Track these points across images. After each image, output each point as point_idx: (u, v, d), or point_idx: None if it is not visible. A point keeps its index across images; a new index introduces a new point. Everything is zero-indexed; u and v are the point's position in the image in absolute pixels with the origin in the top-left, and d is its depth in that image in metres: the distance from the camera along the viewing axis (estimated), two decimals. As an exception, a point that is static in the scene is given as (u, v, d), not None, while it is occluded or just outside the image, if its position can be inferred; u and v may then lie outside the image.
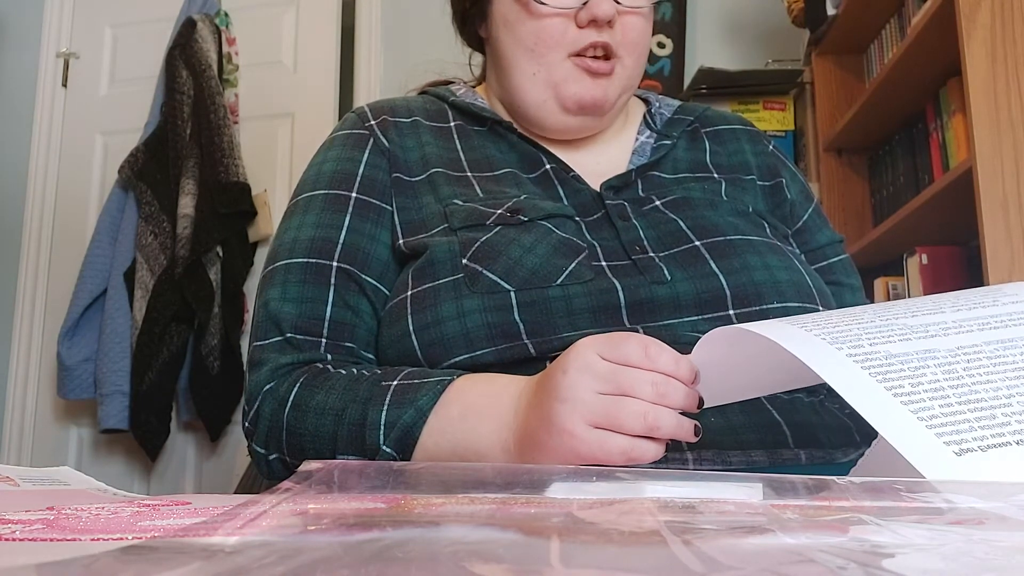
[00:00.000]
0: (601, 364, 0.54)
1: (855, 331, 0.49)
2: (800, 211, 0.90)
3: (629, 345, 0.54)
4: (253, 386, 0.74)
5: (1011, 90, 1.53)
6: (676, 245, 0.77)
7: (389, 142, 0.85)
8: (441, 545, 0.28)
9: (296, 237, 0.80)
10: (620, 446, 0.53)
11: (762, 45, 2.57)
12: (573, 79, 0.82)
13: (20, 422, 2.68)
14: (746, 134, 0.94)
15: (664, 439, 0.54)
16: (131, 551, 0.28)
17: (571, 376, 0.55)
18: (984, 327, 0.50)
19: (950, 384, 0.45)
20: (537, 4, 0.81)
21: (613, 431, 0.54)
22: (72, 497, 0.48)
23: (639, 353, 0.54)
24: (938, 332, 0.49)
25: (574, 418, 0.54)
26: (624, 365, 0.54)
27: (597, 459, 0.54)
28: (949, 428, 0.43)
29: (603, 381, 0.54)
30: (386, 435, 0.65)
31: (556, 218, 0.77)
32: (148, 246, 2.44)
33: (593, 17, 0.80)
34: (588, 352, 0.55)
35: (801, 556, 0.27)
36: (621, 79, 0.84)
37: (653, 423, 0.53)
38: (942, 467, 0.41)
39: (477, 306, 0.71)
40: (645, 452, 0.54)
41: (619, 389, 0.54)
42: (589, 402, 0.54)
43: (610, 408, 0.53)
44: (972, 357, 0.47)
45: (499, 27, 0.86)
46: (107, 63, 2.87)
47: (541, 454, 0.57)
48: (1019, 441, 0.43)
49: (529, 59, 0.83)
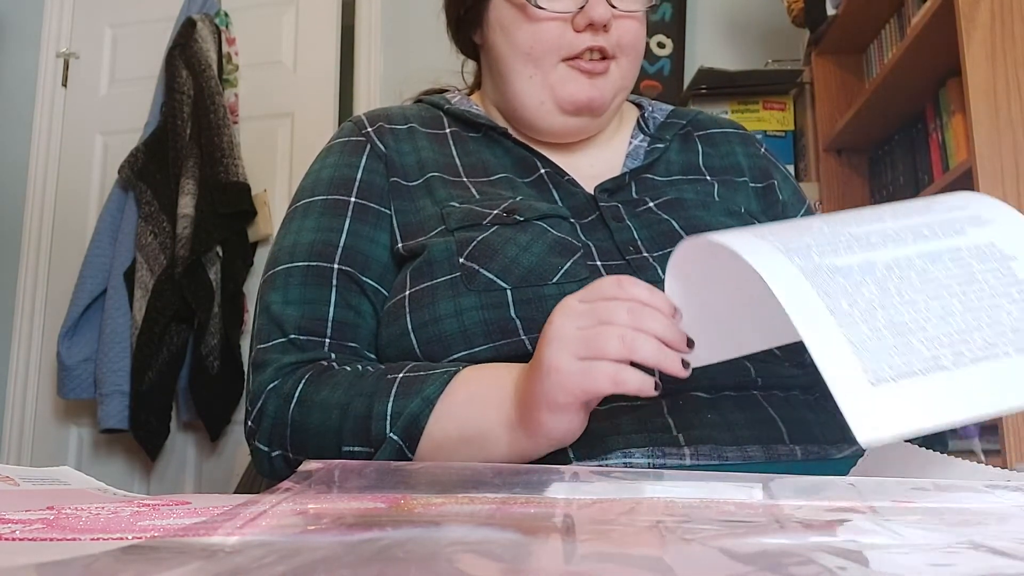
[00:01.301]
0: (580, 305, 0.59)
1: (807, 241, 0.51)
2: (792, 212, 0.91)
3: (603, 283, 0.59)
4: (256, 386, 0.74)
5: (1011, 90, 1.53)
6: (669, 245, 0.77)
7: (386, 148, 0.86)
8: (441, 545, 0.28)
9: (296, 241, 0.81)
10: (605, 371, 0.56)
11: (762, 45, 2.57)
12: (569, 80, 0.83)
13: (20, 422, 2.68)
14: (738, 137, 0.95)
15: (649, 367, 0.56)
16: (131, 551, 0.28)
17: (555, 321, 0.59)
18: (917, 237, 0.52)
19: (881, 303, 0.47)
20: (534, 8, 0.82)
21: (596, 359, 0.56)
22: (72, 497, 0.48)
23: (612, 286, 0.58)
24: (878, 241, 0.51)
25: (560, 354, 0.57)
26: (600, 300, 0.58)
27: (586, 389, 0.57)
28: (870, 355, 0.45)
29: (583, 317, 0.58)
30: (392, 424, 0.66)
31: (551, 218, 0.78)
32: (148, 246, 2.44)
33: (590, 21, 0.81)
34: (569, 300, 0.60)
35: (801, 556, 0.27)
36: (616, 79, 0.85)
37: (631, 344, 0.55)
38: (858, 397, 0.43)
39: (474, 304, 0.72)
40: (630, 377, 0.56)
41: (598, 320, 0.57)
42: (572, 336, 0.57)
43: (590, 337, 0.57)
44: (904, 273, 0.49)
45: (495, 32, 0.86)
46: (107, 63, 2.86)
47: (537, 408, 0.60)
48: (925, 370, 0.44)
49: (525, 63, 0.84)
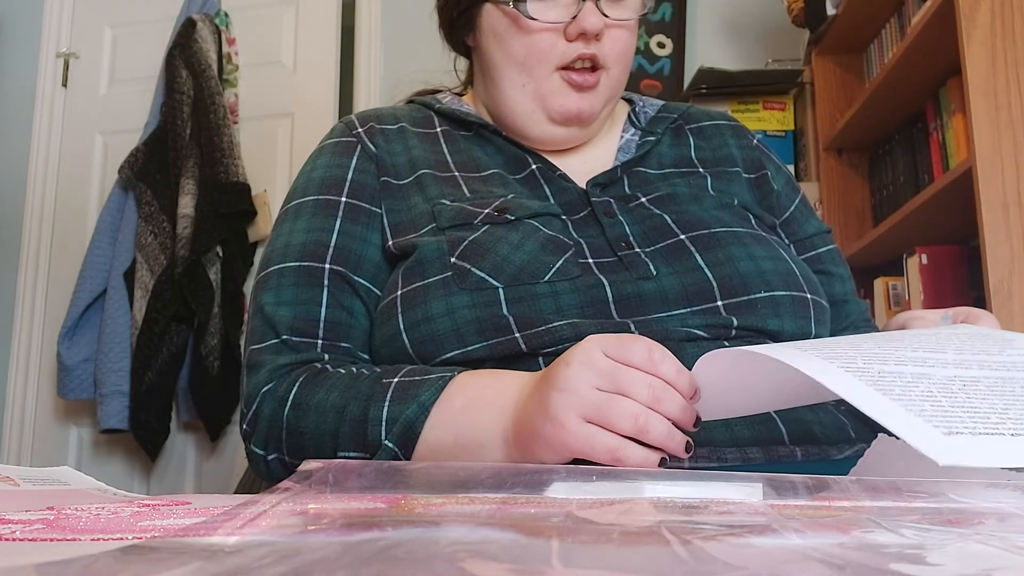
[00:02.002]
0: (603, 361, 0.55)
1: (851, 354, 0.49)
2: (786, 202, 0.91)
3: (634, 346, 0.55)
4: (251, 388, 0.74)
5: (1011, 90, 1.53)
6: (661, 240, 0.78)
7: (376, 148, 0.87)
8: (441, 545, 0.28)
9: (288, 242, 0.81)
10: (607, 444, 0.54)
11: (762, 45, 2.57)
12: (560, 92, 0.84)
13: (20, 422, 2.68)
14: (730, 129, 0.95)
15: (654, 445, 0.54)
16: (131, 551, 0.28)
17: (572, 369, 0.55)
18: (983, 367, 0.49)
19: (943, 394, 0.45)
20: (528, 20, 0.82)
21: (604, 428, 0.54)
22: (72, 497, 0.48)
23: (643, 355, 0.54)
24: (936, 364, 0.49)
25: (568, 410, 0.54)
26: (626, 365, 0.55)
27: (584, 454, 0.55)
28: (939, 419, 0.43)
29: (602, 377, 0.54)
30: (388, 430, 0.65)
31: (542, 216, 0.78)
32: (148, 246, 2.44)
33: (582, 31, 0.81)
34: (593, 348, 0.56)
35: (801, 556, 0.27)
36: (606, 90, 0.85)
37: (643, 426, 0.53)
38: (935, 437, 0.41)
39: (466, 302, 0.72)
40: (632, 455, 0.54)
41: (616, 387, 0.54)
42: (584, 396, 0.54)
43: (603, 404, 0.54)
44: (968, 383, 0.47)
45: (488, 39, 0.87)
46: (107, 63, 2.86)
47: (534, 442, 0.58)
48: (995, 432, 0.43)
49: (519, 72, 0.84)
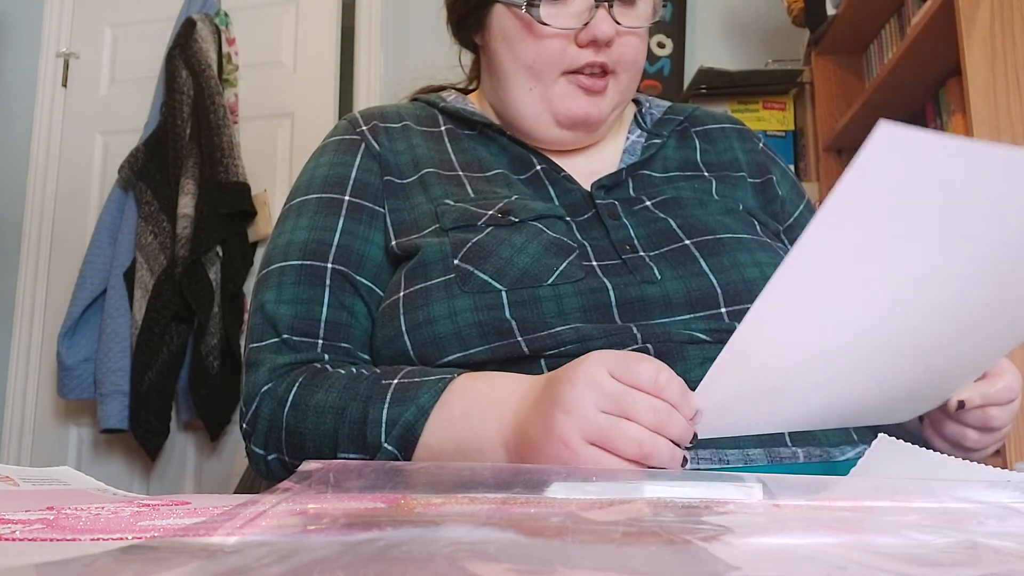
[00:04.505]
0: (609, 383, 0.54)
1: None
2: (791, 208, 0.91)
3: (641, 368, 0.54)
4: (251, 387, 0.74)
5: (1011, 90, 1.53)
6: (666, 244, 0.77)
7: (380, 146, 0.86)
8: (440, 545, 0.28)
9: (290, 240, 0.80)
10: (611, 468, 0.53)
11: (762, 45, 2.57)
12: (568, 96, 0.83)
13: (20, 422, 2.68)
14: (735, 132, 0.94)
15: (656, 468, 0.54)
16: (131, 551, 0.28)
17: (578, 389, 0.54)
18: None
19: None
20: (539, 25, 0.82)
21: (608, 451, 0.53)
22: (72, 497, 0.48)
23: (649, 377, 0.53)
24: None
25: (573, 432, 0.54)
26: (632, 387, 0.54)
27: None
28: None
29: (607, 400, 0.53)
30: (388, 432, 0.65)
31: (546, 219, 0.77)
32: (148, 246, 2.44)
33: (593, 38, 0.81)
34: (599, 368, 0.55)
35: (801, 556, 0.27)
36: (614, 95, 0.85)
37: (649, 451, 0.52)
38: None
39: (468, 305, 0.71)
40: None
41: (621, 411, 0.53)
42: (590, 419, 0.53)
43: (608, 429, 0.53)
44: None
45: (497, 40, 0.86)
46: (107, 63, 2.86)
47: (537, 458, 0.57)
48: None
49: (527, 76, 0.84)
